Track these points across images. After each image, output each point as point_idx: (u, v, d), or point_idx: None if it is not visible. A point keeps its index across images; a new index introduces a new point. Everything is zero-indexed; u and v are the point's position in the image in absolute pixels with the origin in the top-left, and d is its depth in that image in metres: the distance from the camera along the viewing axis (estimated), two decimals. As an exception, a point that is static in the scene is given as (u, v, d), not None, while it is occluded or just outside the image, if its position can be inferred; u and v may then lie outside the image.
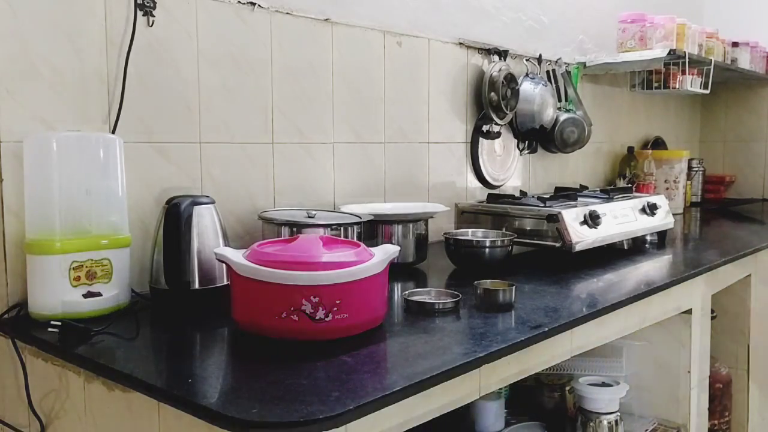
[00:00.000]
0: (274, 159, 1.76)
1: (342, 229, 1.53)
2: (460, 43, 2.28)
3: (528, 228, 1.92)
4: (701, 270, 1.84)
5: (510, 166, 2.56)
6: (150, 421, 1.00)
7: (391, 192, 2.08)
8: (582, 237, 1.83)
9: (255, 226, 1.63)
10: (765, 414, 2.49)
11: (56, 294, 1.26)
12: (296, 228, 1.49)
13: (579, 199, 2.22)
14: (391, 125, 2.07)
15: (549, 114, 2.53)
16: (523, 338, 1.17)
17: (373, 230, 1.75)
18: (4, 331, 1.26)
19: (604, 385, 1.86)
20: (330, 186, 1.90)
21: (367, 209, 1.75)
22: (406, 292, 1.42)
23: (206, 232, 1.39)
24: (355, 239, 1.52)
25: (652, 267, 1.90)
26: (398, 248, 1.28)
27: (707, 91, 3.04)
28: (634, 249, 2.16)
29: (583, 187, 2.58)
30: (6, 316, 1.29)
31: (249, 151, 1.70)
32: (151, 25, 1.49)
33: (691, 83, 2.94)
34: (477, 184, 2.42)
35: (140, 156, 1.48)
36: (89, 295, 1.28)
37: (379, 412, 0.91)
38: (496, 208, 2.03)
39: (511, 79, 2.36)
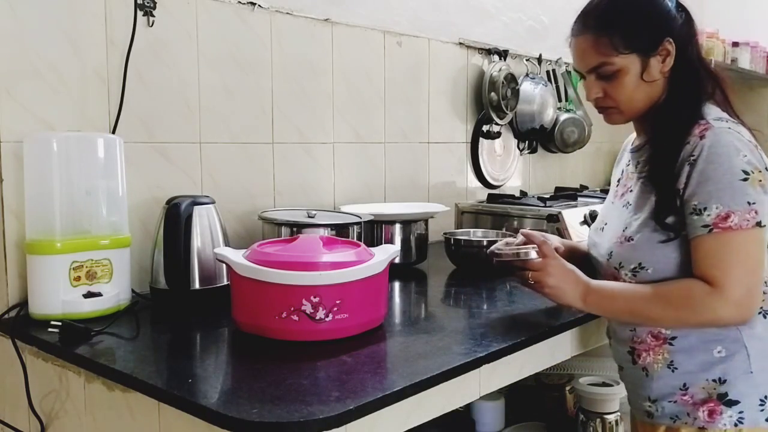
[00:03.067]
0: (274, 159, 1.76)
1: (342, 229, 1.53)
2: (460, 43, 2.28)
3: (528, 228, 1.92)
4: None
5: (510, 166, 2.56)
6: (150, 421, 1.00)
7: (391, 192, 2.08)
8: (582, 237, 1.82)
9: (255, 226, 1.63)
10: None
11: (56, 294, 1.26)
12: (296, 228, 1.49)
13: (579, 199, 2.22)
14: (391, 125, 2.07)
15: (549, 114, 2.54)
16: (523, 338, 1.17)
17: (373, 230, 1.75)
18: (4, 331, 1.26)
19: (604, 385, 1.86)
20: (330, 186, 1.90)
21: (367, 209, 1.75)
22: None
23: (206, 232, 1.39)
24: (355, 239, 1.51)
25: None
26: (398, 248, 1.28)
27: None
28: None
29: (584, 187, 2.59)
30: (6, 316, 1.29)
31: (249, 151, 1.70)
32: (151, 25, 1.49)
33: (691, 83, 2.94)
34: (477, 184, 2.42)
35: (140, 156, 1.48)
36: (89, 295, 1.28)
37: (379, 412, 0.91)
38: (496, 208, 2.03)
39: (511, 79, 2.36)
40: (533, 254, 1.22)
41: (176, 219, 1.33)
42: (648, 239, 1.17)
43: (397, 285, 1.62)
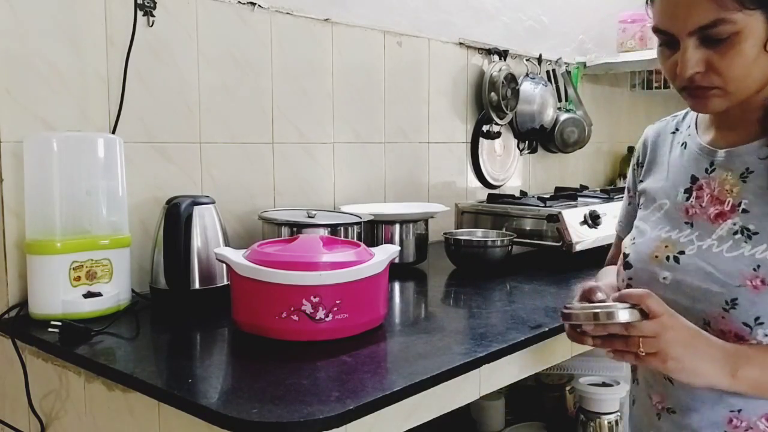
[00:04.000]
0: (274, 159, 1.76)
1: (342, 229, 1.53)
2: (460, 43, 2.28)
3: (528, 228, 1.92)
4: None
5: (510, 166, 2.56)
6: (150, 421, 1.00)
7: (391, 192, 2.08)
8: (582, 237, 1.83)
9: (255, 226, 1.63)
10: None
11: (56, 294, 1.26)
12: (296, 228, 1.49)
13: (579, 199, 2.22)
14: (391, 125, 2.07)
15: (549, 114, 2.54)
16: (523, 338, 1.17)
17: (373, 230, 1.75)
18: (4, 331, 1.26)
19: (604, 385, 1.86)
20: (330, 186, 1.90)
21: (367, 209, 1.75)
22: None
23: (206, 232, 1.39)
24: (355, 239, 1.52)
25: (652, 267, 1.89)
26: (398, 248, 1.28)
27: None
28: (634, 249, 2.15)
29: (583, 187, 2.58)
30: (6, 316, 1.29)
31: (249, 151, 1.70)
32: (151, 25, 1.49)
33: (691, 83, 2.94)
34: (477, 184, 2.42)
35: (140, 156, 1.48)
36: (89, 295, 1.28)
37: (379, 412, 0.91)
38: (496, 208, 2.03)
39: (511, 79, 2.36)
40: (625, 315, 0.84)
41: (176, 219, 1.33)
42: None
43: (397, 285, 1.62)
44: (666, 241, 0.98)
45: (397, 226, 1.76)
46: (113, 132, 1.43)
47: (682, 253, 0.95)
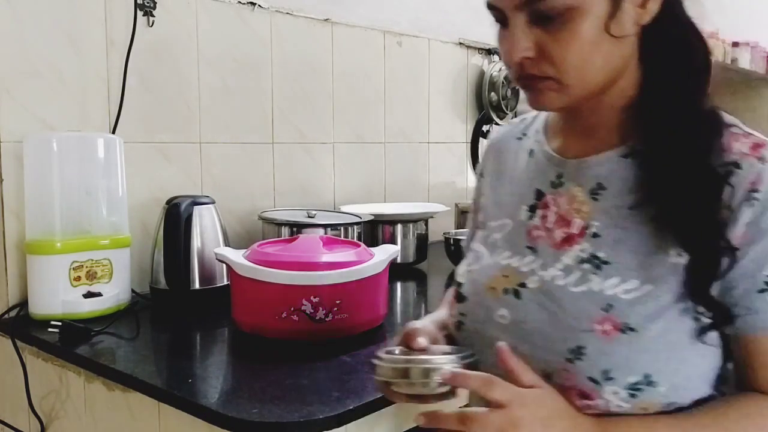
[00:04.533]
0: (274, 159, 1.76)
1: (342, 229, 1.53)
2: (460, 43, 2.28)
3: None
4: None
5: (510, 166, 2.56)
6: (150, 421, 1.00)
7: (391, 192, 2.08)
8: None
9: (255, 226, 1.63)
10: None
11: (56, 294, 1.26)
12: (296, 228, 1.49)
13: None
14: (391, 125, 2.07)
15: (549, 114, 2.53)
16: (523, 338, 1.17)
17: (373, 230, 1.75)
18: (4, 331, 1.26)
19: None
20: (330, 186, 1.90)
21: (367, 209, 1.75)
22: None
23: (206, 232, 1.39)
24: (355, 239, 1.51)
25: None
26: (398, 248, 1.28)
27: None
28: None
29: (583, 187, 2.58)
30: (6, 316, 1.29)
31: (249, 151, 1.70)
32: (151, 25, 1.49)
33: (691, 83, 2.94)
34: (477, 184, 2.42)
35: (140, 156, 1.48)
36: (89, 295, 1.28)
37: (379, 412, 0.91)
38: (496, 208, 2.03)
39: (511, 80, 2.36)
40: (446, 372, 0.65)
41: (176, 219, 1.33)
42: (669, 331, 0.67)
43: (397, 285, 1.62)
44: (505, 269, 0.78)
45: (397, 226, 1.76)
46: (113, 132, 1.43)
47: (523, 285, 0.75)
